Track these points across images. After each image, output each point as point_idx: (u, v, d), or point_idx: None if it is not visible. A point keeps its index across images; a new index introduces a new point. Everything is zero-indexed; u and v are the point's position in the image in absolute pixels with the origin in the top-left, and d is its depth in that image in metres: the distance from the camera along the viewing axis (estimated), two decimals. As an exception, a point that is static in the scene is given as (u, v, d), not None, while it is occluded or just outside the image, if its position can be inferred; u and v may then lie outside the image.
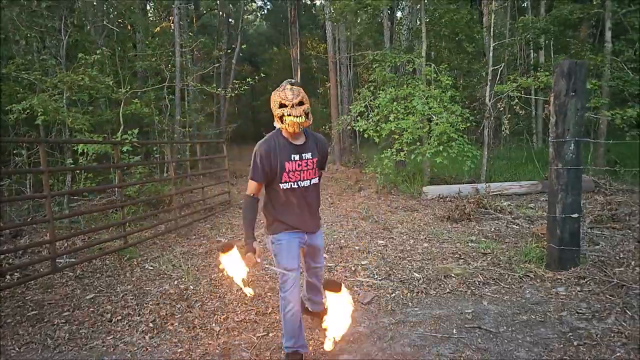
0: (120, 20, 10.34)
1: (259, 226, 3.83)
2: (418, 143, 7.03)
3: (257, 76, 9.30)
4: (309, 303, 2.48)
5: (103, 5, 9.45)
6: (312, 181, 2.02)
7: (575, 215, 3.17)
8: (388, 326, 2.53)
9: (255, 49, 23.53)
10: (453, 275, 3.28)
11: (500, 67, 7.71)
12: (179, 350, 2.36)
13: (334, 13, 10.08)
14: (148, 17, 12.68)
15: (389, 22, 10.46)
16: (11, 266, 3.72)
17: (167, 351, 2.35)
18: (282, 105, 1.82)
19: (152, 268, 3.82)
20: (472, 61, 10.26)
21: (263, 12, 24.79)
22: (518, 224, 4.74)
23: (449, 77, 7.31)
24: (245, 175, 10.42)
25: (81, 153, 5.89)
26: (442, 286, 3.11)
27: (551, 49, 9.80)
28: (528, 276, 3.17)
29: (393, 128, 6.86)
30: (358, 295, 3.00)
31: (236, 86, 9.25)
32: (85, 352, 2.38)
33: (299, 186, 1.97)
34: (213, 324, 2.66)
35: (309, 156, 1.95)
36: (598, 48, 9.24)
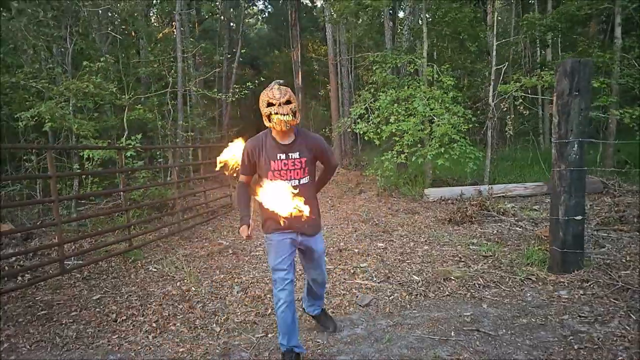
0: (124, 27, 10.50)
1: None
2: (419, 145, 7.01)
3: (258, 80, 9.40)
4: (307, 304, 2.48)
5: (107, 13, 9.61)
6: (302, 181, 1.99)
7: (578, 217, 3.09)
8: (386, 328, 2.54)
9: (256, 52, 23.56)
10: (453, 278, 3.25)
11: (504, 67, 7.55)
12: (181, 349, 2.42)
13: (334, 14, 10.07)
14: (151, 24, 12.85)
15: (391, 23, 10.40)
16: (22, 268, 3.84)
17: (170, 350, 2.42)
18: (270, 104, 1.87)
19: (156, 270, 3.90)
20: (476, 60, 10.12)
21: (264, 16, 24.83)
22: (521, 227, 4.64)
23: (451, 78, 7.22)
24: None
25: (87, 158, 6.04)
26: (442, 289, 3.09)
27: (559, 47, 9.46)
28: (530, 279, 3.11)
29: (394, 130, 6.85)
30: (356, 297, 3.04)
31: (237, 90, 9.36)
32: (91, 351, 2.45)
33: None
34: (214, 325, 2.72)
35: (296, 156, 1.96)
36: (607, 45, 8.93)
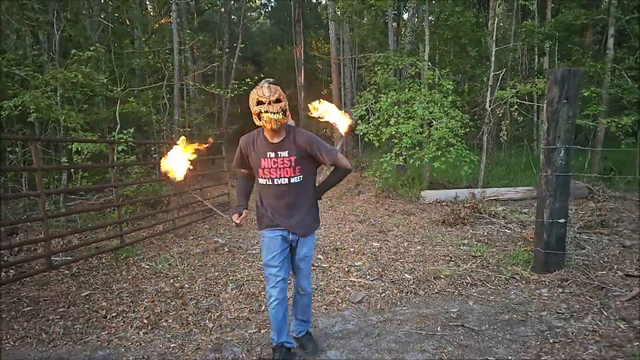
0: (117, 15, 10.18)
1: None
2: (417, 148, 7.07)
3: (257, 76, 9.29)
4: (293, 325, 2.29)
5: (99, -1, 9.29)
6: (292, 180, 1.99)
7: (562, 220, 3.23)
8: (376, 324, 2.61)
9: (258, 48, 23.17)
10: (442, 276, 3.34)
11: (501, 73, 7.68)
12: (172, 345, 2.40)
13: (338, 12, 10.00)
14: (148, 13, 12.55)
15: (395, 24, 10.36)
16: (6, 263, 3.74)
17: (161, 346, 2.40)
18: (260, 102, 1.87)
19: (149, 267, 3.85)
20: (476, 66, 10.22)
21: (267, 10, 24.43)
22: (510, 229, 4.80)
23: (451, 82, 7.31)
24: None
25: (76, 152, 5.84)
26: (431, 287, 3.18)
27: (556, 55, 9.66)
28: (514, 278, 3.25)
29: (393, 132, 6.91)
30: (349, 294, 3.07)
31: (235, 86, 9.23)
32: (79, 347, 2.42)
33: (274, 183, 2.01)
34: (207, 321, 2.70)
35: (285, 154, 1.97)
36: (601, 55, 9.14)
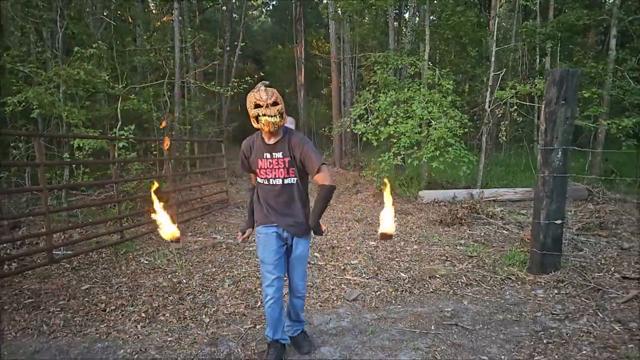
0: (119, 12, 10.24)
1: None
2: (415, 147, 7.09)
3: (257, 75, 9.33)
4: (287, 325, 2.29)
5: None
6: (285, 181, 2.04)
7: (558, 221, 3.23)
8: (370, 321, 2.64)
9: (259, 46, 23.26)
10: (438, 276, 3.37)
11: (501, 73, 7.65)
12: (169, 339, 2.45)
13: (339, 11, 10.02)
14: (149, 11, 12.59)
15: (396, 23, 10.34)
16: (9, 256, 3.81)
17: (158, 339, 2.45)
18: (257, 105, 1.91)
19: (147, 262, 3.91)
20: (477, 65, 10.19)
21: (268, 8, 24.51)
22: (508, 230, 4.82)
23: (451, 82, 7.30)
24: (245, 175, 10.44)
25: (77, 148, 5.93)
26: (426, 286, 3.21)
27: (558, 56, 9.56)
28: (510, 279, 3.27)
29: (392, 132, 6.93)
30: (345, 292, 3.11)
31: (235, 84, 9.28)
32: (79, 339, 2.47)
33: (270, 183, 2.07)
34: (203, 316, 2.75)
35: (279, 155, 2.02)
36: (603, 56, 9.04)
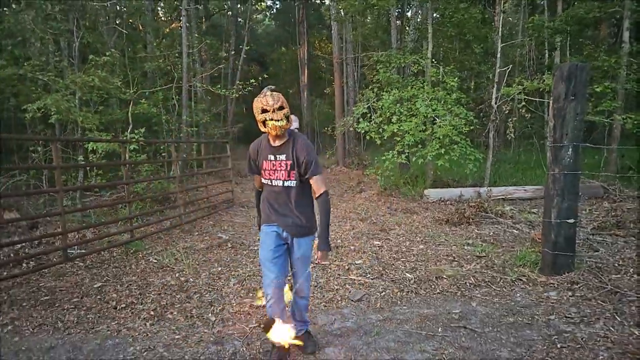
0: (131, 21, 10.57)
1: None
2: (420, 145, 7.05)
3: (262, 77, 9.44)
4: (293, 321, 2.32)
5: (115, 7, 9.70)
6: (286, 183, 2.08)
7: (570, 220, 3.13)
8: (375, 322, 2.62)
9: (263, 49, 23.59)
10: (445, 276, 3.32)
11: (507, 69, 7.54)
12: (177, 337, 2.51)
13: (341, 12, 10.07)
14: (158, 19, 12.91)
15: (398, 22, 10.31)
16: (27, 255, 3.95)
17: (166, 337, 2.51)
18: (264, 110, 1.96)
19: (156, 261, 3.99)
20: (482, 62, 10.07)
21: (272, 12, 24.87)
22: (518, 229, 4.69)
23: (455, 79, 7.23)
24: (250, 175, 10.54)
25: (91, 151, 6.14)
26: (433, 287, 3.17)
27: (567, 50, 9.33)
28: (520, 280, 3.17)
29: (395, 130, 6.91)
30: (349, 292, 3.11)
31: (240, 87, 9.42)
32: (91, 335, 2.55)
33: (272, 184, 2.13)
34: (209, 314, 2.81)
35: (283, 158, 2.07)
36: (616, 49, 8.79)
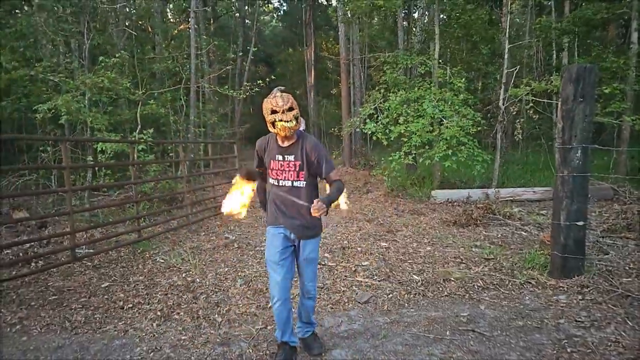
0: (140, 23, 10.72)
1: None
2: (427, 146, 7.01)
3: (269, 78, 9.50)
4: (298, 327, 2.32)
5: (125, 9, 9.83)
6: (295, 183, 2.09)
7: (580, 222, 3.10)
8: (382, 325, 2.60)
9: (271, 50, 23.78)
10: (452, 279, 3.29)
11: (515, 70, 7.53)
12: (183, 337, 2.51)
13: (348, 14, 10.10)
14: (167, 20, 13.06)
15: (405, 23, 10.33)
16: (36, 254, 4.00)
17: (172, 338, 2.51)
18: (274, 111, 1.96)
19: (163, 261, 4.01)
20: (489, 63, 10.04)
21: (279, 13, 25.09)
22: (527, 231, 4.65)
23: (462, 80, 7.22)
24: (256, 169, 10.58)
25: (100, 151, 6.21)
26: (440, 289, 3.14)
27: (575, 51, 9.38)
28: (529, 283, 3.14)
29: (402, 131, 6.88)
30: (356, 294, 3.09)
31: (248, 88, 9.48)
32: (98, 335, 2.57)
33: (279, 184, 2.11)
34: (216, 315, 2.81)
35: (291, 158, 2.07)
36: (624, 50, 8.82)
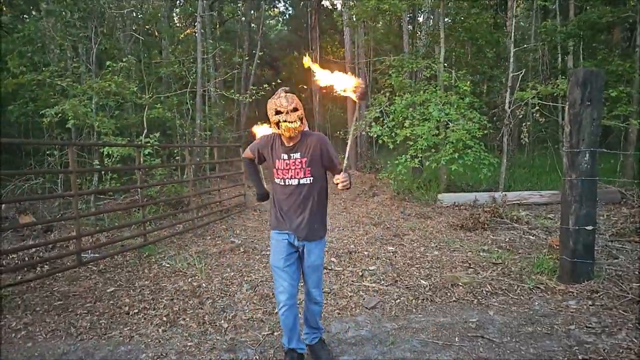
0: (147, 27, 10.83)
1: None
2: (433, 150, 6.98)
3: (274, 82, 9.55)
4: (305, 332, 2.30)
5: (132, 14, 9.94)
6: (302, 181, 2.07)
7: (589, 227, 3.10)
8: (390, 331, 2.57)
9: (276, 54, 23.93)
10: (460, 284, 3.26)
11: (521, 73, 7.57)
12: (189, 343, 2.49)
13: (353, 17, 10.15)
14: (173, 25, 13.20)
15: (410, 27, 10.37)
16: (41, 259, 4.00)
17: (178, 344, 2.49)
18: (278, 112, 1.94)
19: (169, 265, 4.00)
20: (495, 66, 10.08)
21: (285, 17, 25.27)
22: (534, 235, 4.62)
23: (468, 83, 7.22)
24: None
25: (107, 155, 6.25)
26: (448, 294, 3.11)
27: (581, 54, 9.46)
28: (538, 288, 3.12)
29: (408, 134, 6.86)
30: (363, 299, 3.06)
31: (253, 92, 9.52)
32: (104, 341, 2.55)
33: (285, 183, 2.08)
34: (222, 321, 2.78)
35: (298, 156, 2.05)
36: (629, 53, 8.88)
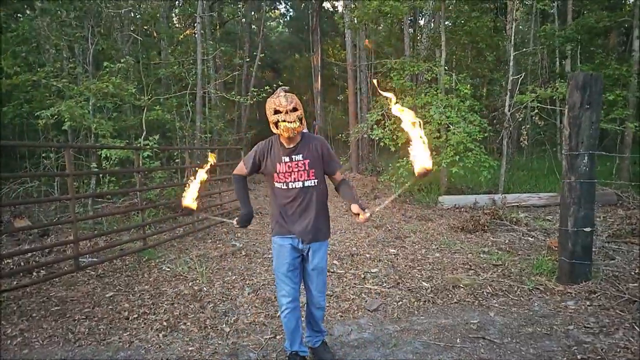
0: (145, 28, 10.77)
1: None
2: (434, 152, 6.99)
3: (276, 84, 9.52)
4: (307, 336, 2.28)
5: (130, 14, 9.87)
6: (306, 183, 2.04)
7: (587, 229, 3.14)
8: (392, 333, 2.57)
9: (277, 56, 23.90)
10: (462, 285, 3.27)
11: (520, 77, 7.63)
12: (190, 348, 2.45)
13: (355, 20, 10.18)
14: (173, 26, 13.13)
15: (411, 30, 10.41)
16: (38, 264, 3.95)
17: (179, 349, 2.45)
18: (277, 111, 1.91)
19: (169, 269, 3.97)
20: (495, 69, 10.17)
21: (286, 19, 25.30)
22: (533, 237, 4.67)
23: (468, 86, 7.26)
24: (263, 181, 10.59)
25: (105, 157, 6.18)
26: (450, 296, 3.12)
27: (578, 58, 9.63)
28: (538, 289, 3.15)
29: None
30: (365, 302, 3.04)
31: (254, 94, 9.49)
32: (103, 347, 2.50)
33: (288, 187, 2.04)
34: (223, 325, 2.75)
35: (299, 158, 2.03)
36: (625, 57, 9.03)
